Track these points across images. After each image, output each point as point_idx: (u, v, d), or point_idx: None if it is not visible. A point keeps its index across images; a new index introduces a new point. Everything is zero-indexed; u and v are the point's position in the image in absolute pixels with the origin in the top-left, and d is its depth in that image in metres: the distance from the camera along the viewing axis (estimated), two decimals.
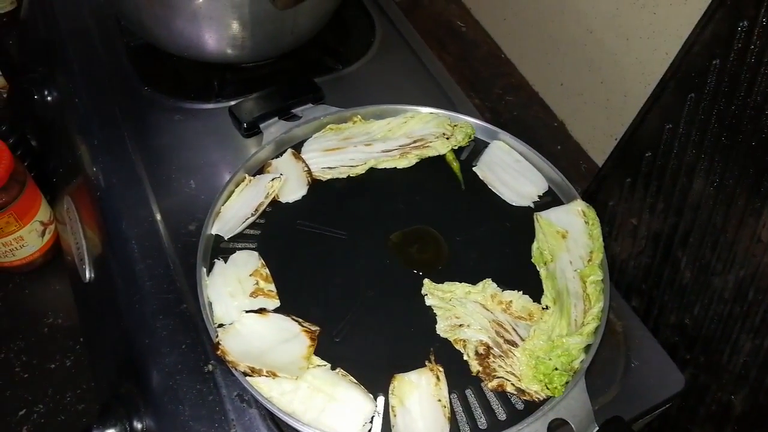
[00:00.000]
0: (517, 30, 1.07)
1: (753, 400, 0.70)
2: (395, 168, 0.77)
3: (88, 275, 0.81)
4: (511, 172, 0.77)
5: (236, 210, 0.71)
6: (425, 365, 0.62)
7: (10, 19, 1.13)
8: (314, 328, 0.63)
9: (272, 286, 0.66)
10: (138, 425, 0.66)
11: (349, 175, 0.76)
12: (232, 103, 0.83)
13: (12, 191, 0.83)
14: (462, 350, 0.63)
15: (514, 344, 0.64)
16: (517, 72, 1.08)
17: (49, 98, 0.98)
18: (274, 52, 0.91)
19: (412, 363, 0.62)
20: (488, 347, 0.63)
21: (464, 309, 0.65)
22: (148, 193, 0.78)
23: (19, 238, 0.87)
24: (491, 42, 1.12)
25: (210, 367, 0.65)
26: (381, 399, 0.60)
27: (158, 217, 0.76)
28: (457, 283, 0.67)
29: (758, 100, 0.63)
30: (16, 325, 0.89)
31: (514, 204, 0.75)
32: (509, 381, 0.61)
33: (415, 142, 0.78)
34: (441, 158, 0.79)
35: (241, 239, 0.70)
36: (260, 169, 0.76)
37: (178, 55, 0.88)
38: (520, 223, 0.73)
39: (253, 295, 0.65)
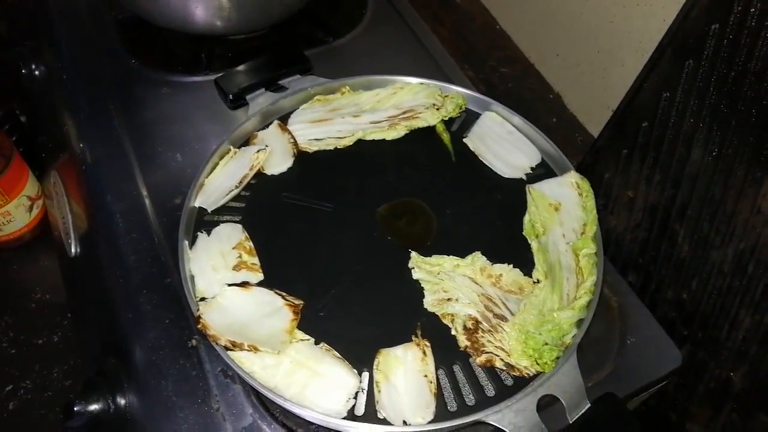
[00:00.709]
0: (513, 0, 1.05)
1: (753, 377, 0.69)
2: (384, 139, 0.75)
3: (73, 250, 0.80)
4: (503, 143, 0.75)
5: (220, 182, 0.70)
6: (411, 340, 0.60)
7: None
8: (298, 302, 0.61)
9: (256, 260, 0.64)
10: (121, 401, 0.66)
11: (336, 147, 0.74)
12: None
13: None
14: (450, 325, 0.62)
15: (503, 319, 0.62)
16: (513, 44, 1.06)
17: (36, 72, 0.97)
18: (263, 24, 0.88)
19: (399, 338, 0.60)
20: (477, 322, 0.61)
21: (453, 283, 0.64)
22: (134, 166, 0.77)
23: (6, 212, 0.86)
24: (486, 13, 1.09)
25: (194, 342, 0.64)
26: (366, 375, 0.59)
27: (144, 191, 0.75)
28: (445, 256, 0.66)
29: (759, 66, 0.60)
30: (3, 300, 0.89)
31: (505, 176, 0.73)
32: (498, 356, 0.60)
33: (404, 113, 0.76)
34: (431, 129, 0.76)
35: (225, 212, 0.69)
36: (246, 141, 0.75)
37: (166, 28, 0.86)
38: (511, 196, 0.71)
39: (236, 268, 0.63)
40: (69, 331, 0.86)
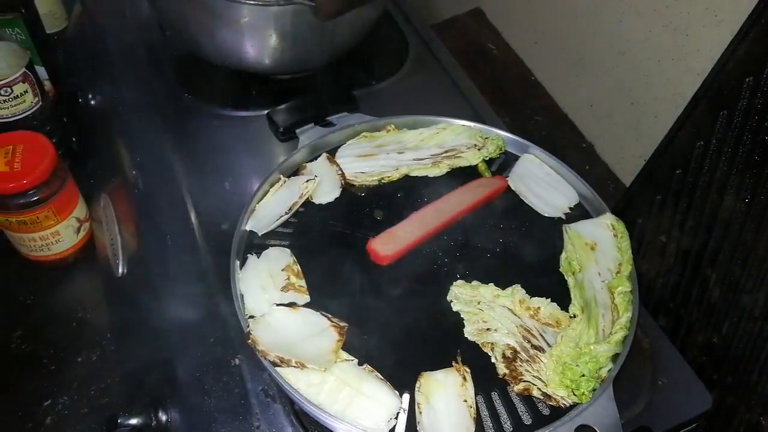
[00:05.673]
0: (548, 53, 1.10)
1: None
2: (427, 176, 0.78)
3: (121, 270, 0.83)
4: (542, 184, 0.78)
5: (271, 208, 0.73)
6: (452, 365, 0.62)
7: (60, 38, 1.19)
8: (343, 323, 0.64)
9: (303, 282, 0.67)
10: (163, 416, 0.67)
11: (380, 181, 0.77)
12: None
13: (53, 186, 0.85)
14: (489, 353, 0.63)
15: (541, 350, 0.64)
16: (547, 94, 1.10)
17: (92, 102, 1.02)
18: (312, 65, 0.93)
19: (439, 363, 0.62)
20: (515, 351, 0.63)
21: (492, 313, 0.66)
22: (185, 193, 0.80)
23: (55, 232, 0.90)
24: (522, 64, 1.14)
25: (237, 361, 0.66)
26: (406, 396, 0.60)
27: (193, 215, 0.78)
28: (485, 284, 0.68)
29: None
30: (47, 318, 0.91)
31: (545, 214, 0.76)
32: (535, 385, 0.61)
33: (446, 152, 0.80)
34: (472, 168, 0.80)
35: (274, 236, 0.72)
36: (295, 171, 0.78)
37: (219, 65, 0.91)
38: (549, 234, 0.74)
39: (284, 289, 0.66)
40: (107, 351, 0.87)
